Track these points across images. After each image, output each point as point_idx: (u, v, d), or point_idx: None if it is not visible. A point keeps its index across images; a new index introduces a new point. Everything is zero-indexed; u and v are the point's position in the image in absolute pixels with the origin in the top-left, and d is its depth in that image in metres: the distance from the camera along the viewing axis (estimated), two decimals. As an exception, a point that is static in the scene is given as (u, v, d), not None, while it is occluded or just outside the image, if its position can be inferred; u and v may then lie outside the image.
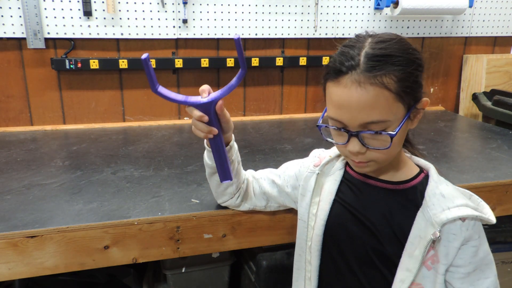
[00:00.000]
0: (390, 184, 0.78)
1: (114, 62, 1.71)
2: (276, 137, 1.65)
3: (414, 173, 0.79)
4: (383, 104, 0.67)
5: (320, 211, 0.83)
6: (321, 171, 0.86)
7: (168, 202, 1.03)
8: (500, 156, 1.40)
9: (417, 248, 0.72)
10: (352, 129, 0.71)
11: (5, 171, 1.25)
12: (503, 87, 2.09)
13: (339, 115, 0.71)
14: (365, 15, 1.94)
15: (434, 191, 0.74)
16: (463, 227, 0.71)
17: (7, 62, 1.66)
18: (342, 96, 0.69)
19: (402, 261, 0.74)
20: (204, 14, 1.77)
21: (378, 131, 0.69)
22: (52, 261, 0.91)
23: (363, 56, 0.68)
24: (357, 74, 0.67)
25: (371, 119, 0.68)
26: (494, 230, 1.47)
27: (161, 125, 1.81)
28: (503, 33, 2.17)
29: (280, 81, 1.96)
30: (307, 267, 0.87)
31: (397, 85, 0.67)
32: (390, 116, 0.68)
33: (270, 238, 1.06)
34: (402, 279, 0.74)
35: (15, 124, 1.73)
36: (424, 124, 1.85)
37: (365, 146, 0.71)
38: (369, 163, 0.74)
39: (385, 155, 0.73)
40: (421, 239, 0.72)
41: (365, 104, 0.67)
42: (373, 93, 0.67)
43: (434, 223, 0.71)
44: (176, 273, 1.30)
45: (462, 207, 0.71)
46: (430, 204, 0.73)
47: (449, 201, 0.72)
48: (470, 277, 0.73)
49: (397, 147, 0.74)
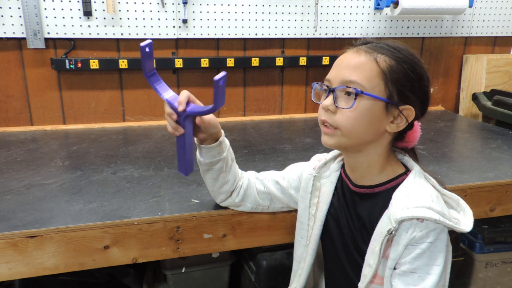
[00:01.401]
0: (367, 188, 0.82)
1: (114, 62, 1.71)
2: (276, 137, 1.65)
3: (395, 175, 0.81)
4: (366, 71, 0.74)
5: (319, 212, 0.89)
6: (317, 173, 0.90)
7: (168, 202, 1.03)
8: (500, 156, 1.40)
9: (378, 244, 0.75)
10: (333, 86, 0.77)
11: (5, 171, 1.25)
12: (503, 87, 2.09)
13: (329, 74, 0.79)
14: (365, 15, 1.94)
15: (402, 191, 0.76)
16: (417, 227, 0.71)
17: (7, 62, 1.66)
18: (340, 58, 0.79)
19: (366, 257, 0.78)
20: (204, 14, 1.77)
21: (349, 86, 0.75)
22: (52, 261, 0.91)
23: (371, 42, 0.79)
24: (360, 47, 0.78)
25: (350, 78, 0.74)
26: (494, 230, 1.47)
27: (161, 125, 1.81)
28: (503, 33, 2.17)
29: (280, 81, 1.96)
30: (300, 264, 0.92)
31: (387, 66, 0.74)
32: (367, 84, 0.74)
33: (270, 238, 1.06)
34: (365, 274, 0.78)
35: (15, 124, 1.73)
36: (424, 124, 1.84)
37: (335, 104, 0.76)
38: (336, 132, 0.77)
39: (349, 124, 0.75)
40: (382, 235, 0.75)
41: (351, 64, 0.76)
42: (363, 59, 0.75)
43: (392, 220, 0.72)
44: (176, 273, 1.30)
45: (423, 208, 0.71)
46: (393, 203, 0.75)
47: (412, 201, 0.73)
48: (407, 277, 0.72)
49: (363, 128, 0.76)
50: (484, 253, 1.45)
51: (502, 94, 1.91)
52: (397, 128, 0.77)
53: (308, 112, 2.04)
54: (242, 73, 1.91)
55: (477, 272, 1.44)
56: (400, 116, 0.76)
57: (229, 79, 1.90)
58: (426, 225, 0.71)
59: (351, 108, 0.74)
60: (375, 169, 0.81)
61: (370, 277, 0.76)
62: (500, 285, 1.44)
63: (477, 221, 1.36)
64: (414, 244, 0.71)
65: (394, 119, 0.77)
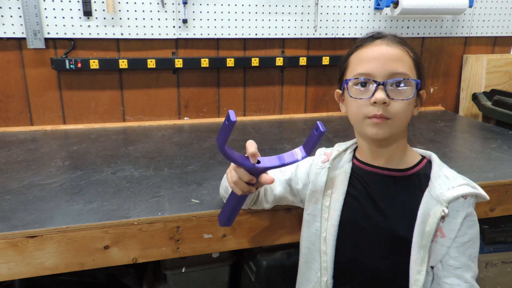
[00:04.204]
0: (395, 171, 0.86)
1: (114, 62, 1.71)
2: (276, 137, 1.65)
3: (417, 160, 0.87)
4: (407, 62, 0.81)
5: (333, 202, 0.89)
6: (331, 165, 0.92)
7: (168, 202, 1.03)
8: (500, 156, 1.40)
9: (427, 225, 0.80)
10: (379, 79, 0.79)
11: (5, 171, 1.25)
12: (503, 87, 2.09)
13: (368, 68, 0.80)
14: (365, 15, 1.94)
15: (439, 173, 0.83)
16: (465, 203, 0.80)
17: (7, 62, 1.66)
18: (373, 51, 0.81)
19: (414, 240, 0.81)
20: (204, 14, 1.77)
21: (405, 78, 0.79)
22: (52, 261, 0.91)
23: (388, 35, 0.84)
24: (385, 39, 0.82)
25: (398, 70, 0.79)
26: (494, 230, 1.47)
27: (161, 125, 1.82)
28: (503, 33, 2.17)
29: (280, 81, 1.96)
30: (322, 258, 0.90)
31: (415, 57, 0.83)
32: (411, 74, 0.81)
33: (270, 238, 1.06)
34: (422, 257, 0.80)
35: (15, 124, 1.73)
36: (424, 124, 1.86)
37: (389, 97, 0.79)
38: (388, 122, 0.80)
39: (403, 114, 0.80)
40: (429, 216, 0.80)
41: (393, 56, 0.80)
42: (399, 51, 0.81)
43: (442, 201, 0.79)
44: (176, 273, 1.30)
45: (464, 186, 0.81)
46: (436, 185, 0.81)
47: (453, 181, 0.81)
48: (465, 245, 0.81)
49: (409, 116, 0.83)
50: (484, 253, 1.45)
51: (502, 94, 1.91)
52: (417, 111, 0.87)
53: (308, 112, 2.04)
54: (242, 73, 1.91)
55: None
56: (419, 100, 0.86)
57: (229, 79, 1.90)
58: (469, 200, 0.81)
59: (410, 99, 0.80)
60: (401, 153, 0.87)
61: (427, 258, 0.80)
62: (500, 285, 1.44)
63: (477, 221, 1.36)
64: (466, 218, 0.80)
65: (416, 103, 0.86)
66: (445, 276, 0.81)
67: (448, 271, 0.81)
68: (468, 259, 0.81)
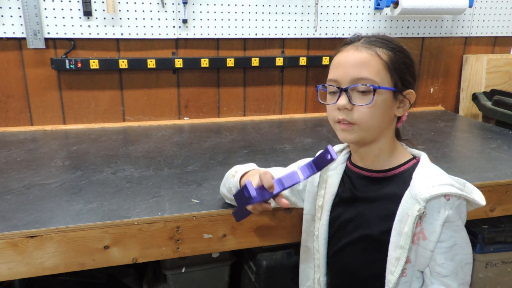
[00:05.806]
0: (378, 172, 0.86)
1: (114, 62, 1.71)
2: (276, 137, 1.65)
3: (404, 160, 0.86)
4: (373, 66, 0.79)
5: (325, 202, 0.92)
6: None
7: (168, 202, 1.03)
8: (500, 156, 1.40)
9: (406, 225, 0.78)
10: (343, 85, 0.80)
11: (5, 171, 1.25)
12: (503, 87, 2.09)
13: (334, 75, 0.82)
14: (365, 15, 1.94)
15: (421, 172, 0.81)
16: (447, 205, 0.77)
17: (7, 62, 1.66)
18: (340, 58, 0.82)
19: (392, 240, 0.80)
20: (204, 14, 1.77)
21: (364, 84, 0.78)
22: (52, 261, 0.91)
23: (364, 37, 0.84)
24: (357, 44, 0.82)
25: (361, 76, 0.78)
26: (494, 230, 1.47)
27: (161, 125, 1.81)
28: (503, 33, 2.17)
29: (280, 81, 1.96)
30: (315, 255, 0.94)
31: (387, 57, 0.79)
32: (377, 78, 0.78)
33: (270, 238, 1.06)
34: (397, 257, 0.79)
35: (15, 124, 1.73)
36: (424, 124, 1.86)
37: (351, 102, 0.79)
38: (354, 127, 0.80)
39: (368, 119, 0.79)
40: (408, 216, 0.78)
41: (357, 62, 0.79)
42: (366, 55, 0.79)
43: (419, 200, 0.76)
44: (176, 273, 1.30)
45: (446, 185, 0.77)
46: (416, 183, 0.79)
47: (435, 180, 0.78)
48: (452, 251, 0.78)
49: (379, 119, 0.81)
50: (484, 253, 1.45)
51: (502, 94, 1.91)
52: (404, 111, 0.85)
53: (308, 112, 2.04)
54: (242, 73, 1.91)
55: (477, 272, 1.43)
56: (404, 100, 0.83)
57: (229, 79, 1.90)
58: (453, 202, 0.77)
59: (370, 104, 0.78)
60: (386, 154, 0.86)
61: (405, 258, 0.78)
62: (500, 285, 1.44)
63: (477, 221, 1.36)
64: (450, 222, 0.77)
65: (400, 104, 0.83)
66: (433, 283, 0.80)
67: (436, 278, 0.79)
68: (457, 266, 0.78)
